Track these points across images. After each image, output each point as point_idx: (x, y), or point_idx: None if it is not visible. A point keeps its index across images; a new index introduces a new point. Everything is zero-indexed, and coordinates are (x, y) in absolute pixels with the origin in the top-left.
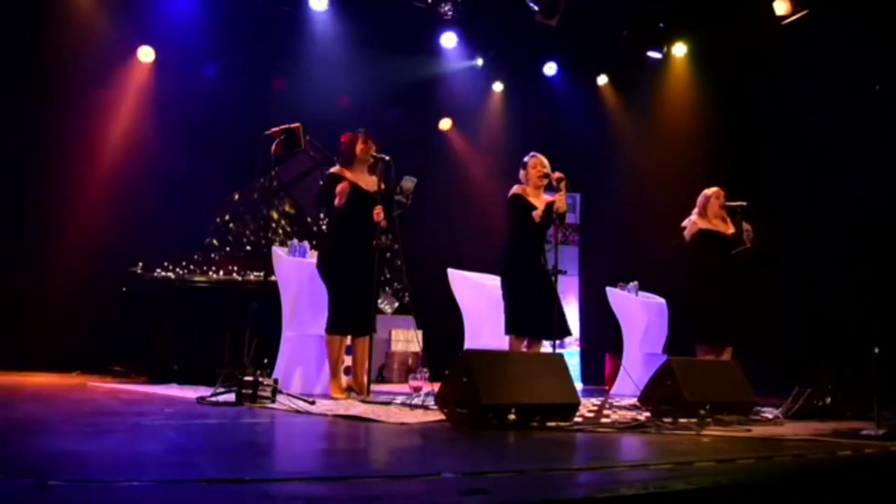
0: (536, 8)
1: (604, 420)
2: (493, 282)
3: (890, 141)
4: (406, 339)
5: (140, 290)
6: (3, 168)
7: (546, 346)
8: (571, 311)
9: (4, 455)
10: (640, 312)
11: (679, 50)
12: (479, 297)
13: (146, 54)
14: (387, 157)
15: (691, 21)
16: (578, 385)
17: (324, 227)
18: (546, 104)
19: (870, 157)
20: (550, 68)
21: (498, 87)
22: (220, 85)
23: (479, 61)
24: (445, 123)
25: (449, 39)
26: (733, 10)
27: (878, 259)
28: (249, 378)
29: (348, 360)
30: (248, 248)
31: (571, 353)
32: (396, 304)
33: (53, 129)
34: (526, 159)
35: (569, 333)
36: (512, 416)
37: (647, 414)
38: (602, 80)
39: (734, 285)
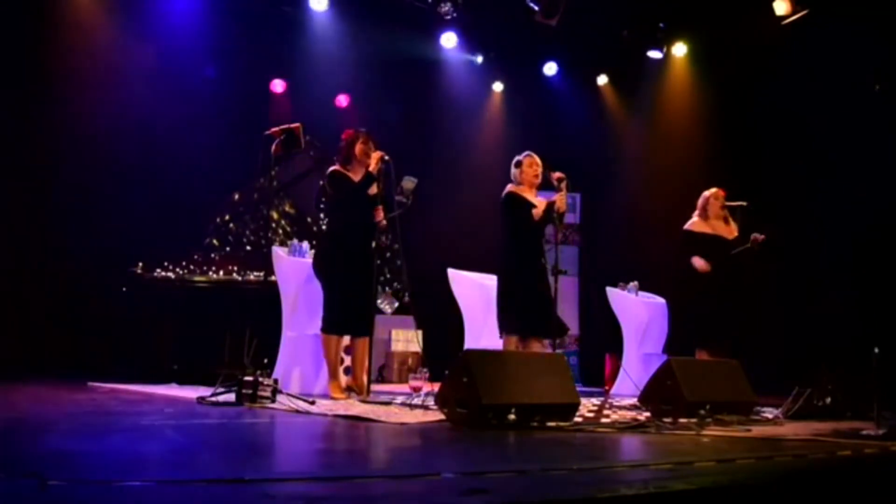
0: (536, 8)
1: (604, 420)
2: (492, 282)
3: (890, 141)
4: (406, 339)
5: (140, 290)
6: (1, 168)
7: (543, 347)
8: (571, 312)
9: (4, 455)
10: (640, 312)
11: (679, 50)
12: (479, 297)
13: (148, 55)
14: (387, 157)
15: (691, 21)
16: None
17: (324, 227)
18: (546, 104)
19: (870, 158)
20: (550, 68)
21: (498, 86)
22: (220, 85)
23: (479, 58)
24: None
25: (449, 39)
26: (733, 10)
27: (878, 259)
28: (249, 378)
29: (348, 360)
30: (248, 248)
31: (571, 354)
32: (396, 304)
33: (52, 129)
34: (520, 158)
35: (566, 332)
36: (512, 416)
37: (647, 414)
38: (602, 80)
39: (734, 286)
